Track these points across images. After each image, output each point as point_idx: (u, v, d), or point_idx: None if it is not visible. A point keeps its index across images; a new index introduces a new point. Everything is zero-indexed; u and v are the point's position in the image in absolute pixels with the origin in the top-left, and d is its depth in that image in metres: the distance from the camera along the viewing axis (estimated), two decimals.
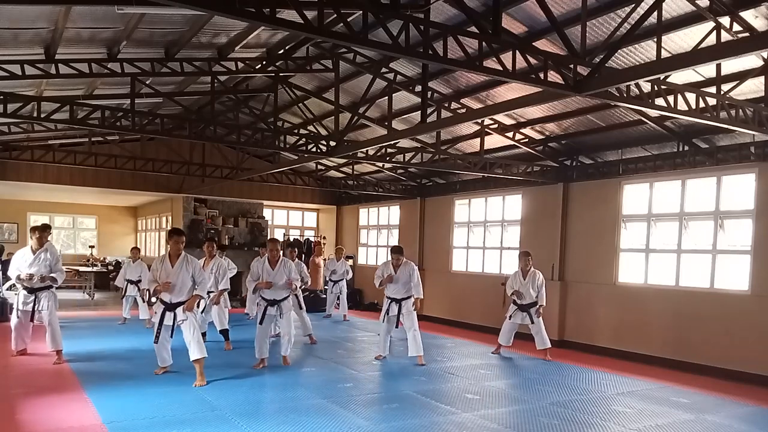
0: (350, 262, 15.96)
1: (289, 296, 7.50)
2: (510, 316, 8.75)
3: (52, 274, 7.20)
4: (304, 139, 9.08)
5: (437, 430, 5.19)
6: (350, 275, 13.10)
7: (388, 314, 8.03)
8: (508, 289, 8.80)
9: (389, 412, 5.62)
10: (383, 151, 9.71)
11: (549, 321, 9.55)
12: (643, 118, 7.83)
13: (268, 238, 11.41)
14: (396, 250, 8.12)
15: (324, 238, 16.90)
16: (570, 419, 5.61)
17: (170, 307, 6.42)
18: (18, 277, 7.21)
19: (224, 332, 8.70)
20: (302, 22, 4.02)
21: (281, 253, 7.58)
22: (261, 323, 7.30)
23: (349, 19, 4.35)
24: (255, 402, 5.88)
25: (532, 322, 8.59)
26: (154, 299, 6.59)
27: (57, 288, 7.41)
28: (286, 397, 6.10)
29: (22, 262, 7.20)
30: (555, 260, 10.18)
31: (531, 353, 8.92)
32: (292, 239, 16.68)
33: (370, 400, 6.11)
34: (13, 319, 7.38)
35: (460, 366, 8.07)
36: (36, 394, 5.77)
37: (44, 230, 7.27)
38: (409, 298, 7.99)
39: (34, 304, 7.20)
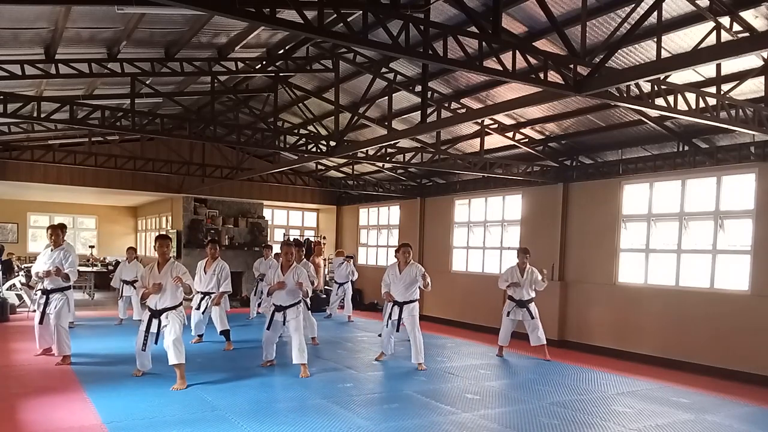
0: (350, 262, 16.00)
1: (298, 302, 7.10)
2: (508, 313, 8.65)
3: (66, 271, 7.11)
4: (304, 139, 9.08)
5: (437, 430, 5.19)
6: (355, 276, 13.02)
7: (390, 318, 7.70)
8: (502, 283, 8.64)
9: (389, 412, 5.62)
10: (383, 151, 9.70)
11: (549, 321, 9.57)
12: (643, 118, 7.83)
13: (286, 240, 11.08)
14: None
15: (324, 238, 16.92)
16: (570, 419, 5.61)
17: (156, 313, 6.32)
18: (36, 274, 7.33)
19: (225, 333, 8.68)
20: (302, 22, 4.02)
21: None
22: (268, 329, 7.14)
23: (349, 19, 4.35)
24: (255, 402, 5.87)
25: (532, 318, 8.53)
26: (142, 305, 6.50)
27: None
28: (286, 397, 6.10)
29: (41, 261, 7.28)
30: (555, 260, 10.18)
31: (531, 353, 8.91)
32: (292, 239, 16.67)
33: (370, 400, 6.10)
34: (36, 318, 7.42)
35: (460, 366, 8.07)
36: (36, 394, 5.77)
37: (55, 229, 7.27)
38: (413, 301, 7.65)
39: (45, 306, 7.20)
